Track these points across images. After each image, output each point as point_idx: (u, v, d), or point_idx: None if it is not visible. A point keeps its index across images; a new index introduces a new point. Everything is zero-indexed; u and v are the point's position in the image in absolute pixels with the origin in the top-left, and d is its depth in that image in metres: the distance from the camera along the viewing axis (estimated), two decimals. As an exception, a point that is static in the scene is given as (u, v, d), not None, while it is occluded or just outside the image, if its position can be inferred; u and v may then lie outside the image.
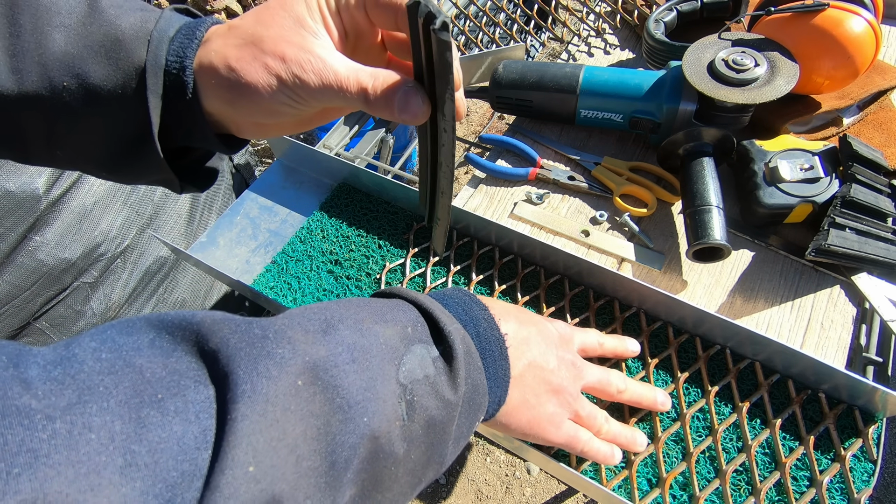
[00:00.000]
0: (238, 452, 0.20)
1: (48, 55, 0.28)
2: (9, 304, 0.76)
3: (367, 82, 0.28)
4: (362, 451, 0.24)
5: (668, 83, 0.54)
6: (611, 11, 0.75)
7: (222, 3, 1.75)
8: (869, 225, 0.46)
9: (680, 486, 0.39)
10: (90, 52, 0.28)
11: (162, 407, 0.20)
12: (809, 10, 0.51)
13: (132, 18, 0.29)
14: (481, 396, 0.32)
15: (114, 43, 0.28)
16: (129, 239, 0.91)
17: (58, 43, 0.28)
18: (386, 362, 0.27)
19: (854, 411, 0.40)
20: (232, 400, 0.21)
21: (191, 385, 0.21)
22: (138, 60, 0.28)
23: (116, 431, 0.19)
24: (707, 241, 0.46)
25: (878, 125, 0.56)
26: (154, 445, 0.19)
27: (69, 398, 0.18)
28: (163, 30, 0.29)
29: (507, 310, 0.37)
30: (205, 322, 0.23)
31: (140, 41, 0.28)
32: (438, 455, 0.29)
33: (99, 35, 0.28)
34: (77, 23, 0.28)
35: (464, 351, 0.31)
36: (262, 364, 0.22)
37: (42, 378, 0.19)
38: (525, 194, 0.58)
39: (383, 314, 0.30)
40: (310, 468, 0.22)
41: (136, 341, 0.22)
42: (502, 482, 1.25)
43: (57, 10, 0.28)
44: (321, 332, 0.26)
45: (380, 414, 0.25)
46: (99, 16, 0.29)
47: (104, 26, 0.29)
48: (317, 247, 0.55)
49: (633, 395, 0.40)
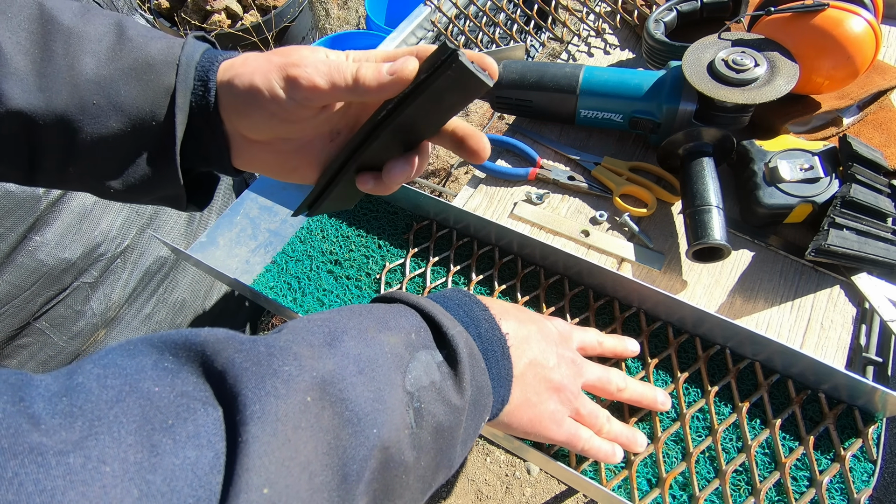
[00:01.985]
0: (252, 475, 0.19)
1: (80, 77, 0.31)
2: (9, 304, 0.76)
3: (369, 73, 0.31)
4: (373, 462, 0.24)
5: (668, 83, 0.54)
6: (611, 11, 0.75)
7: (222, 4, 1.75)
8: (869, 225, 0.46)
9: (680, 486, 0.39)
10: (121, 75, 0.32)
11: (173, 433, 0.20)
12: (809, 10, 0.51)
13: (160, 45, 0.33)
14: (486, 397, 0.32)
15: (144, 67, 0.32)
16: (129, 239, 0.91)
17: (90, 66, 0.31)
18: (392, 371, 0.27)
19: (854, 411, 0.40)
20: (242, 422, 0.21)
21: (199, 408, 0.21)
22: (168, 82, 0.32)
23: (130, 462, 0.18)
24: (707, 241, 0.46)
25: (878, 125, 0.56)
26: (169, 473, 0.19)
27: (80, 431, 0.18)
28: (190, 55, 0.33)
29: (507, 309, 0.38)
30: (208, 341, 0.23)
31: (169, 65, 0.32)
32: (447, 459, 0.29)
33: (130, 59, 0.32)
34: (108, 49, 0.32)
35: (467, 354, 0.31)
36: (269, 383, 0.22)
37: (49, 412, 0.18)
38: (525, 194, 0.58)
39: (386, 321, 0.30)
40: (322, 483, 0.22)
41: (140, 364, 0.21)
42: (502, 482, 1.25)
43: (88, 38, 0.32)
44: (326, 346, 0.27)
45: (389, 424, 0.25)
46: (128, 42, 0.32)
47: (134, 52, 0.32)
48: (317, 247, 0.55)
49: (634, 394, 0.40)
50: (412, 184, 0.57)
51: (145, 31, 0.33)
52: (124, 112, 0.32)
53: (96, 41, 0.32)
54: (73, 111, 0.31)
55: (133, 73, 0.32)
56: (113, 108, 0.31)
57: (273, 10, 1.76)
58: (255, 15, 1.78)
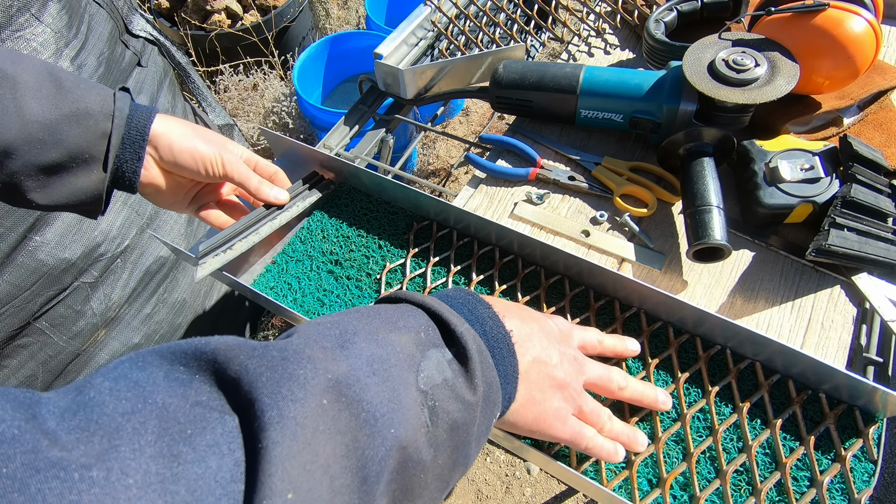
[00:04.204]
0: (275, 481, 0.19)
1: (27, 117, 0.39)
2: (9, 304, 0.76)
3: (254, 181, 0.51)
4: (391, 462, 0.24)
5: (669, 83, 0.54)
6: (611, 11, 0.75)
7: (222, 4, 1.75)
8: (869, 225, 0.46)
9: (680, 487, 0.39)
10: (64, 119, 0.40)
11: (193, 443, 0.20)
12: (810, 10, 0.51)
13: (95, 97, 0.42)
14: (496, 394, 0.32)
15: (84, 114, 0.41)
16: (129, 239, 0.91)
17: (35, 110, 0.39)
18: (405, 371, 0.27)
19: (854, 411, 0.40)
20: (261, 428, 0.20)
21: (216, 416, 0.21)
22: (105, 128, 0.42)
23: (153, 473, 0.18)
24: (707, 241, 0.46)
25: (879, 125, 0.56)
26: (192, 483, 0.19)
27: (100, 444, 0.18)
28: (121, 108, 0.43)
29: (509, 307, 0.38)
30: (219, 349, 0.23)
31: (105, 115, 0.42)
32: (464, 457, 0.29)
33: (72, 107, 0.41)
34: (49, 96, 0.40)
35: (476, 350, 0.31)
36: (285, 387, 0.22)
37: (64, 428, 0.18)
38: (525, 194, 0.58)
39: (395, 322, 0.30)
40: (343, 486, 0.22)
41: (151, 375, 0.21)
42: (502, 482, 1.25)
43: (28, 86, 0.39)
44: (339, 348, 0.27)
45: (405, 423, 0.25)
46: (67, 93, 0.41)
47: (75, 102, 0.41)
48: (317, 247, 0.55)
49: (635, 393, 0.40)
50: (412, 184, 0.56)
51: (76, 80, 0.42)
52: (65, 147, 0.41)
53: (37, 88, 0.39)
54: (19, 143, 0.39)
55: (74, 118, 0.40)
56: (55, 143, 0.40)
57: (273, 10, 1.76)
58: (255, 15, 1.78)
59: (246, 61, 1.81)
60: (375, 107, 0.70)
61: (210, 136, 0.48)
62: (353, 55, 1.74)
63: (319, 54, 1.70)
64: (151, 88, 0.98)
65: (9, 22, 0.70)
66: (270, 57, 1.81)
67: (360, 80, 0.71)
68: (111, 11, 0.90)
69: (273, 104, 1.80)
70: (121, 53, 0.91)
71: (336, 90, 1.85)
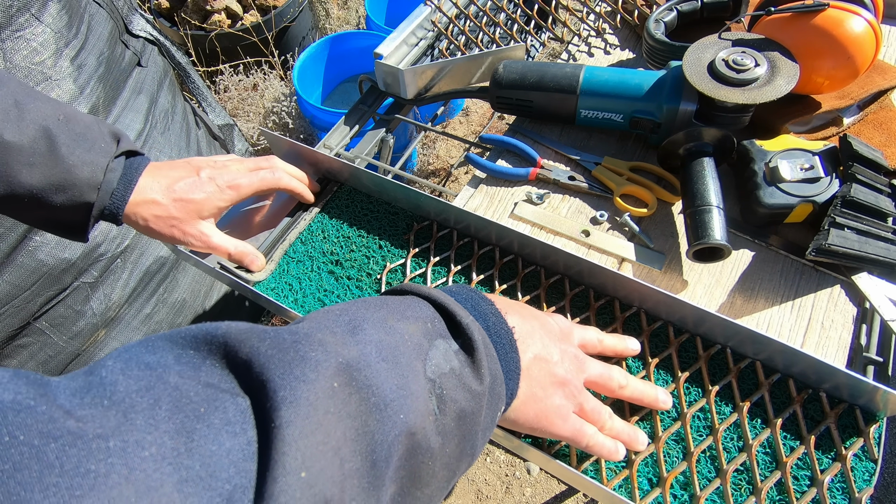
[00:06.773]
0: (289, 459, 0.19)
1: (14, 181, 0.40)
2: (9, 304, 0.76)
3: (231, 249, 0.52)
4: (400, 448, 0.24)
5: (669, 83, 0.54)
6: (611, 11, 0.75)
7: (222, 4, 1.75)
8: (869, 225, 0.46)
9: (681, 486, 0.39)
10: (51, 187, 0.42)
11: (207, 421, 0.20)
12: (809, 10, 0.51)
13: (86, 168, 0.43)
14: (500, 387, 0.32)
15: (70, 186, 0.43)
16: (129, 239, 0.91)
17: (24, 176, 0.41)
18: (413, 358, 0.28)
19: (855, 411, 0.40)
20: (273, 408, 0.20)
21: (228, 397, 0.21)
22: (89, 199, 0.44)
23: (168, 447, 0.18)
24: (707, 241, 0.46)
25: (879, 125, 0.56)
26: (207, 459, 0.19)
27: (115, 418, 0.18)
28: (109, 181, 0.44)
29: (510, 304, 0.38)
30: (230, 333, 0.23)
31: (91, 188, 0.43)
32: (470, 446, 0.29)
33: (59, 178, 0.42)
34: (40, 163, 0.41)
35: (482, 342, 0.31)
36: (297, 369, 0.22)
37: (78, 405, 0.18)
38: (525, 194, 0.58)
39: (402, 311, 0.30)
40: (353, 469, 0.22)
41: (162, 358, 0.21)
42: (502, 482, 1.25)
43: (23, 150, 0.40)
44: (349, 333, 0.27)
45: (414, 410, 0.25)
46: (60, 162, 0.42)
47: (63, 173, 0.42)
48: (317, 247, 0.55)
49: (635, 392, 0.40)
50: (413, 184, 0.57)
51: (74, 142, 0.43)
52: (48, 209, 0.43)
53: (30, 153, 0.41)
54: (5, 197, 0.41)
55: (61, 187, 0.42)
56: (38, 205, 0.42)
57: (273, 10, 1.76)
58: (255, 15, 1.78)
59: (246, 61, 1.81)
60: (375, 107, 0.70)
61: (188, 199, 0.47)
62: (353, 55, 1.75)
63: (319, 54, 1.70)
64: (151, 88, 0.98)
65: (9, 22, 0.70)
66: (270, 57, 1.81)
67: (360, 80, 0.71)
68: (111, 11, 0.90)
69: (273, 104, 1.80)
70: (121, 53, 0.91)
71: (336, 90, 1.85)
